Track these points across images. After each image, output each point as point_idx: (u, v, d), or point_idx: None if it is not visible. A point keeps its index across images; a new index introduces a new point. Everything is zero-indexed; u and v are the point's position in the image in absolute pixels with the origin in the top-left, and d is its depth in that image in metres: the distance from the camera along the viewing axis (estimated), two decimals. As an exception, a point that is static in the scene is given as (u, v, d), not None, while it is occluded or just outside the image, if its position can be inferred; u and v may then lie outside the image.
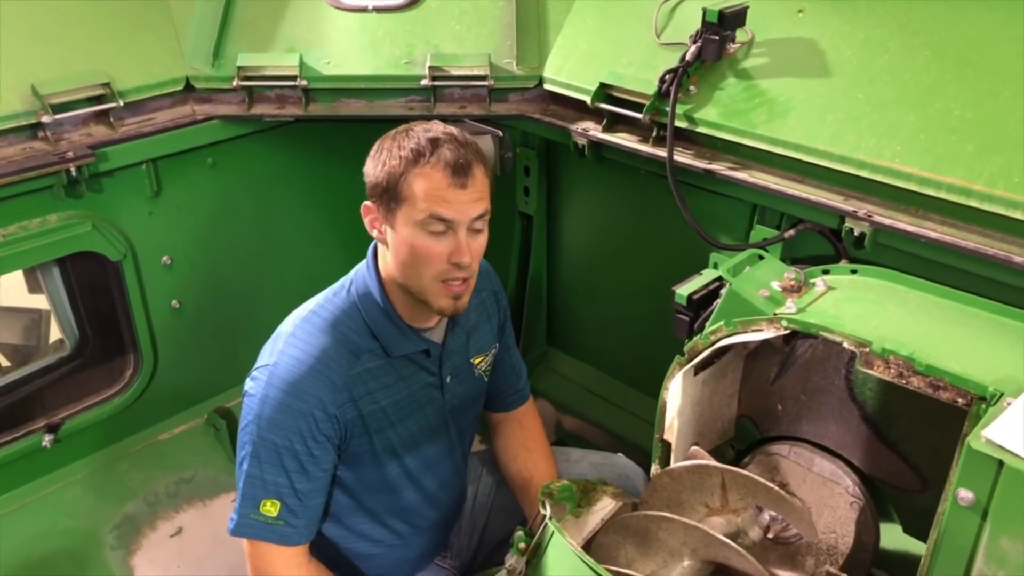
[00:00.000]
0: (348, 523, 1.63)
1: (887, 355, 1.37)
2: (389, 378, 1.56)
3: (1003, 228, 1.54)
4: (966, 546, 1.20)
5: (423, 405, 1.62)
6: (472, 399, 1.73)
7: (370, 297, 1.54)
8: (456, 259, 1.46)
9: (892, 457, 1.75)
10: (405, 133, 1.46)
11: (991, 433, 1.16)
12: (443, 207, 1.41)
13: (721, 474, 1.51)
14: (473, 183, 1.43)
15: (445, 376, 1.64)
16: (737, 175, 1.84)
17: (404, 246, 1.45)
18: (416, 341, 1.57)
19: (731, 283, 1.64)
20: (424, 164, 1.40)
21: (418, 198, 1.40)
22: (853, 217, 1.69)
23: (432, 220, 1.42)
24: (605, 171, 2.20)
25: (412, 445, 1.61)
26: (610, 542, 1.49)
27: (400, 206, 1.43)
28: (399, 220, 1.44)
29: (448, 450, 1.69)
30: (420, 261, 1.45)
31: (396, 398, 1.57)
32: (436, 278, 1.47)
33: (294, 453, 1.46)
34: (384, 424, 1.57)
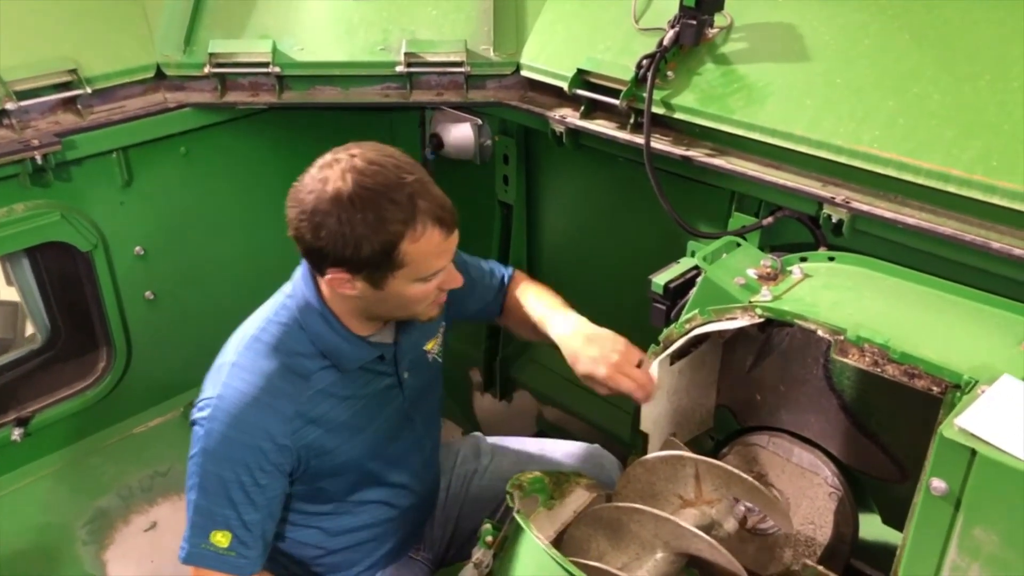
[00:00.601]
0: (319, 525, 1.60)
1: (862, 343, 1.34)
2: (346, 391, 1.51)
3: (981, 214, 1.51)
4: (939, 537, 1.18)
5: (384, 406, 1.58)
6: (430, 385, 1.70)
7: (313, 315, 1.46)
8: (448, 286, 1.48)
9: (871, 447, 1.73)
10: (363, 197, 1.29)
11: (964, 421, 1.14)
12: (442, 259, 1.41)
13: (695, 465, 1.49)
14: (455, 218, 1.41)
15: (403, 373, 1.60)
16: (714, 162, 1.81)
17: (395, 298, 1.42)
18: (369, 350, 1.52)
19: (706, 271, 1.61)
20: (414, 230, 1.33)
21: (419, 261, 1.36)
22: (831, 203, 1.66)
23: (435, 274, 1.42)
24: (584, 159, 2.16)
25: (377, 448, 1.58)
26: (582, 534, 1.47)
27: (395, 272, 1.37)
28: (391, 283, 1.38)
29: (415, 442, 1.65)
30: (413, 303, 1.44)
31: (355, 409, 1.53)
32: (427, 304, 1.47)
33: (241, 485, 1.41)
34: (346, 436, 1.52)
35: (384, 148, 1.37)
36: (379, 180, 1.30)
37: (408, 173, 1.33)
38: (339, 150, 1.36)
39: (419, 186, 1.33)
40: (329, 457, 1.50)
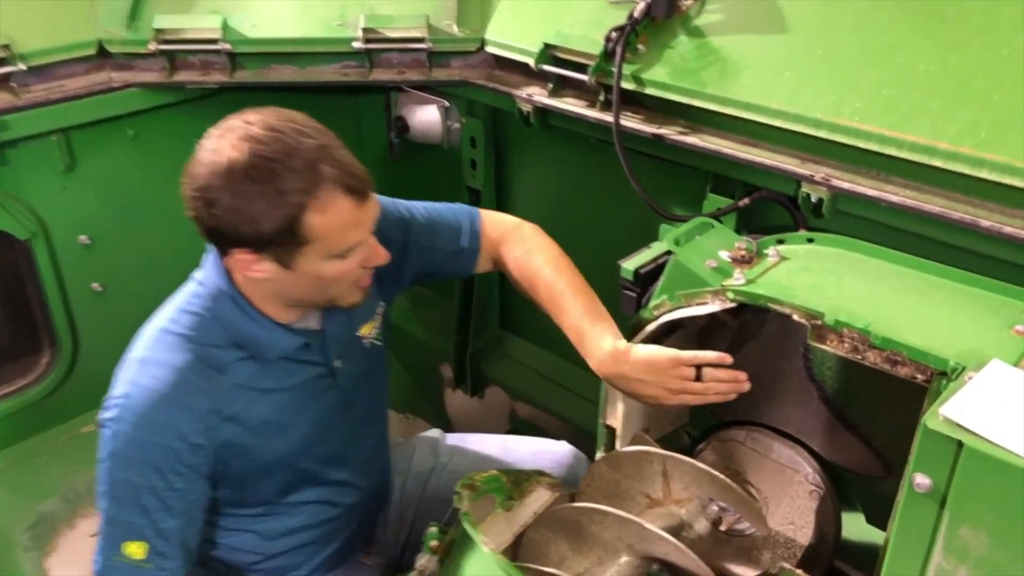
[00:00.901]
0: (252, 529, 1.48)
1: (841, 328, 1.24)
2: (268, 383, 1.38)
3: (969, 190, 1.41)
4: (924, 538, 1.07)
5: (315, 397, 1.44)
6: (369, 373, 1.54)
7: (226, 303, 1.33)
8: (371, 263, 1.33)
9: (854, 441, 1.63)
10: (258, 166, 1.16)
11: (949, 411, 1.03)
12: (357, 231, 1.26)
13: (662, 461, 1.38)
14: (369, 185, 1.26)
15: (334, 362, 1.45)
16: (688, 140, 1.71)
17: (308, 279, 1.28)
18: (290, 338, 1.38)
19: (676, 254, 1.50)
20: (316, 199, 1.18)
21: (329, 235, 1.22)
22: (810, 182, 1.55)
23: (351, 249, 1.27)
24: (554, 141, 2.06)
25: (309, 445, 1.45)
26: (540, 538, 1.36)
27: (302, 248, 1.23)
28: (301, 261, 1.25)
29: (355, 435, 1.53)
30: (331, 284, 1.30)
31: (280, 403, 1.39)
32: (348, 286, 1.33)
33: (153, 490, 1.29)
34: (270, 433, 1.39)
35: (286, 112, 1.24)
36: (277, 147, 1.17)
37: (309, 137, 1.19)
38: (234, 117, 1.23)
39: (321, 151, 1.19)
40: (251, 456, 1.38)
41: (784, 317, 1.62)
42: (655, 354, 1.37)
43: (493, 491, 1.43)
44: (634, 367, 1.37)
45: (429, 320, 2.65)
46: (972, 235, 1.41)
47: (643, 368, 1.37)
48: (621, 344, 1.39)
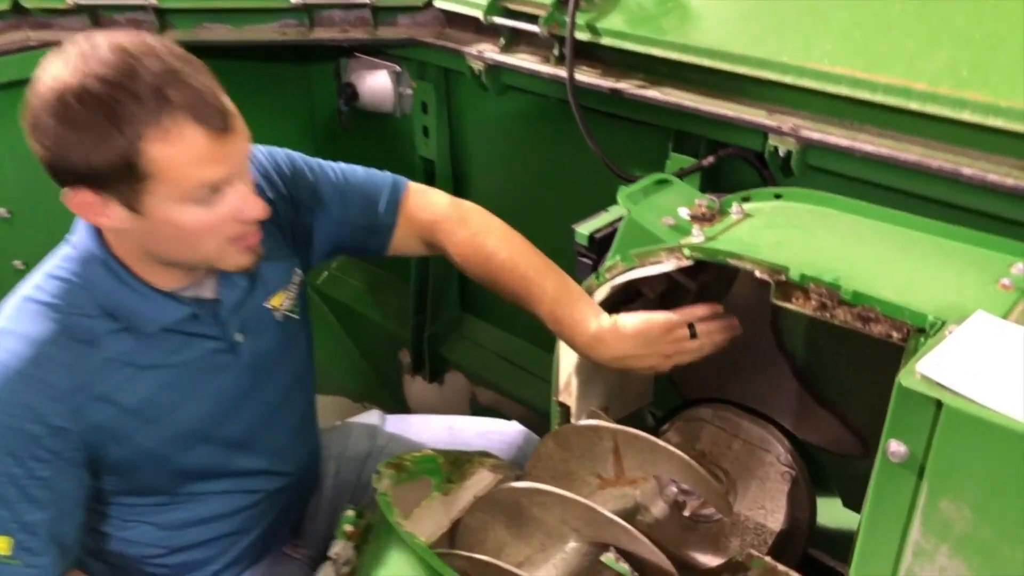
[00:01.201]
0: (152, 520, 1.32)
1: (807, 283, 1.11)
2: (148, 360, 1.20)
3: (949, 136, 1.29)
4: (900, 514, 0.94)
5: (210, 376, 1.26)
6: (284, 348, 1.36)
7: (96, 266, 1.16)
8: (244, 216, 1.13)
9: (828, 418, 1.50)
10: (93, 91, 1.00)
11: (927, 367, 0.90)
12: (210, 169, 1.06)
13: (613, 436, 1.24)
14: (232, 119, 1.07)
15: (233, 336, 1.28)
16: (647, 93, 1.58)
17: (166, 227, 1.10)
18: (174, 308, 1.20)
19: (630, 211, 1.37)
20: (158, 126, 1.01)
21: (175, 170, 1.04)
22: (777, 133, 1.43)
23: (201, 188, 1.07)
24: (510, 103, 1.93)
25: (206, 429, 1.28)
26: (478, 523, 1.22)
27: (145, 185, 1.05)
28: (147, 202, 1.07)
29: (267, 417, 1.35)
30: (196, 238, 1.12)
31: (165, 380, 1.22)
32: (224, 244, 1.15)
33: (12, 479, 1.12)
34: (153, 415, 1.22)
35: (140, 34, 1.07)
36: (119, 70, 1.01)
37: (160, 60, 1.03)
38: (81, 35, 1.07)
39: (171, 75, 1.02)
40: (133, 442, 1.21)
41: (749, 281, 1.50)
42: (646, 324, 1.25)
43: (427, 473, 1.29)
44: (625, 344, 1.24)
45: (386, 304, 2.51)
46: (953, 185, 1.29)
47: (635, 342, 1.25)
48: (606, 322, 1.26)
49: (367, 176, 1.40)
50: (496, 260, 1.35)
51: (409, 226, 1.40)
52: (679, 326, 1.24)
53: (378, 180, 1.41)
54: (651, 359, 1.25)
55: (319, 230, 1.37)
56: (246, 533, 1.38)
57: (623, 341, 1.23)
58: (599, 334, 1.23)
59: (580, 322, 1.25)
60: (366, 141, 2.29)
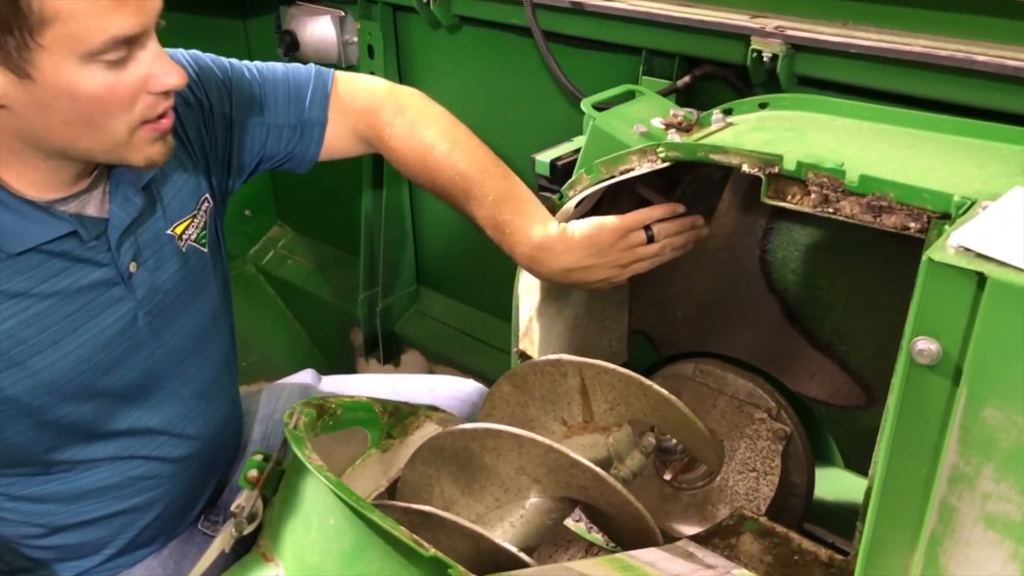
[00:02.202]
0: (24, 494, 1.09)
1: (804, 172, 0.93)
2: (11, 284, 0.98)
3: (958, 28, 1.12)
4: (930, 431, 0.76)
5: (96, 312, 1.04)
6: (189, 288, 1.14)
7: None
8: (162, 85, 0.92)
9: (826, 363, 1.33)
10: None
11: (964, 238, 0.72)
12: (123, 18, 0.86)
13: (579, 372, 1.05)
14: None
15: (125, 264, 1.05)
16: (612, 4, 1.40)
17: (62, 98, 0.89)
18: (48, 222, 0.98)
19: (595, 119, 1.19)
20: None
21: (75, 15, 0.84)
22: (761, 35, 1.25)
23: (111, 43, 0.87)
24: (463, 39, 1.75)
25: (89, 375, 1.05)
26: (418, 478, 1.02)
27: (37, 36, 0.84)
28: (40, 60, 0.86)
29: (169, 367, 1.13)
30: (103, 113, 0.91)
31: (35, 312, 1.00)
32: (135, 124, 0.94)
33: None
34: (23, 354, 1.00)
35: None
36: None
37: None
38: None
39: None
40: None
41: (734, 207, 1.33)
42: (596, 228, 1.08)
43: (363, 423, 1.10)
44: (574, 253, 1.08)
45: (335, 281, 2.31)
46: (966, 82, 1.12)
47: (585, 251, 1.08)
48: (553, 228, 1.09)
49: (288, 71, 1.21)
50: (433, 154, 1.17)
51: (342, 119, 1.22)
52: (633, 228, 1.08)
53: (302, 74, 1.22)
54: (604, 270, 1.09)
55: (238, 140, 1.17)
56: (148, 509, 1.14)
57: (571, 250, 1.07)
58: (544, 242, 1.07)
59: (522, 228, 1.08)
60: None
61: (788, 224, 1.28)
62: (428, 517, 0.86)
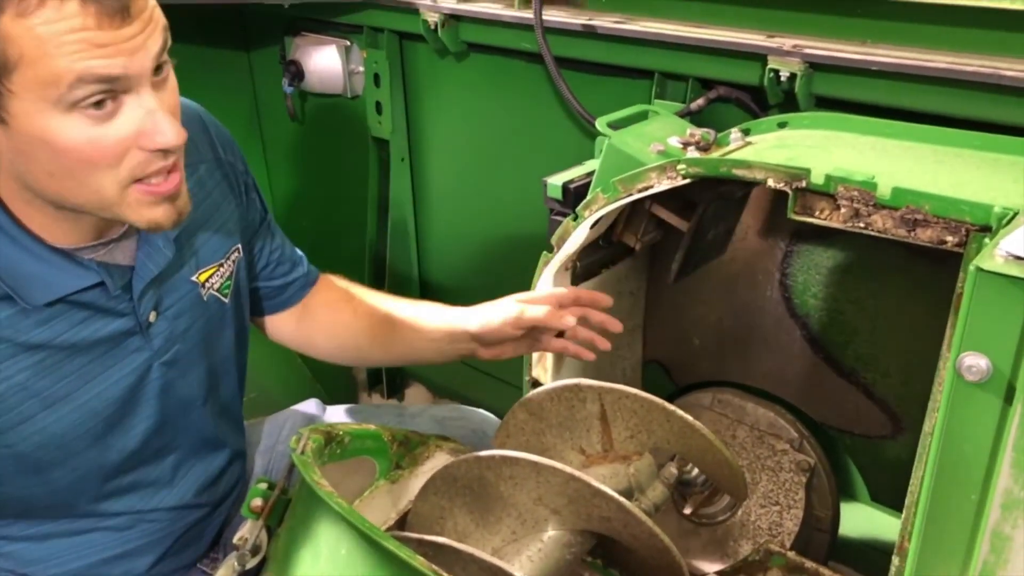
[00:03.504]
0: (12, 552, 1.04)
1: (834, 186, 0.89)
2: (32, 336, 0.92)
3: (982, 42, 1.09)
4: (980, 453, 0.71)
5: (110, 364, 0.99)
6: (206, 337, 1.09)
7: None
8: (152, 142, 0.84)
9: (850, 391, 1.28)
10: None
11: (1014, 244, 0.68)
12: (94, 59, 0.78)
13: (598, 397, 1.00)
14: (136, 4, 0.80)
15: (146, 313, 1.00)
16: (626, 27, 1.38)
17: (39, 145, 0.82)
18: (76, 273, 0.93)
19: (610, 138, 1.16)
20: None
21: (38, 55, 0.77)
22: (778, 54, 1.22)
23: (83, 86, 0.79)
24: (470, 66, 1.74)
25: (98, 428, 1.00)
26: (430, 509, 0.97)
27: (5, 81, 0.78)
28: (12, 104, 0.80)
29: (180, 417, 1.08)
30: (84, 167, 0.83)
31: (48, 364, 0.94)
32: (125, 183, 0.86)
33: None
34: (34, 409, 0.95)
35: None
36: None
37: None
38: None
39: None
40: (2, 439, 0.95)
41: (754, 227, 1.29)
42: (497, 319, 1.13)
43: (371, 453, 1.05)
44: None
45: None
46: (991, 99, 1.09)
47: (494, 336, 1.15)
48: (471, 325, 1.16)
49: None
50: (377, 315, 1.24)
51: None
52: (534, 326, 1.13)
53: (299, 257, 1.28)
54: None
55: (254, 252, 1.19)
56: (146, 551, 1.07)
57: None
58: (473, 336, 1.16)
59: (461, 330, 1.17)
60: (315, 127, 2.08)
61: (809, 246, 1.24)
62: (442, 549, 0.81)
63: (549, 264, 1.17)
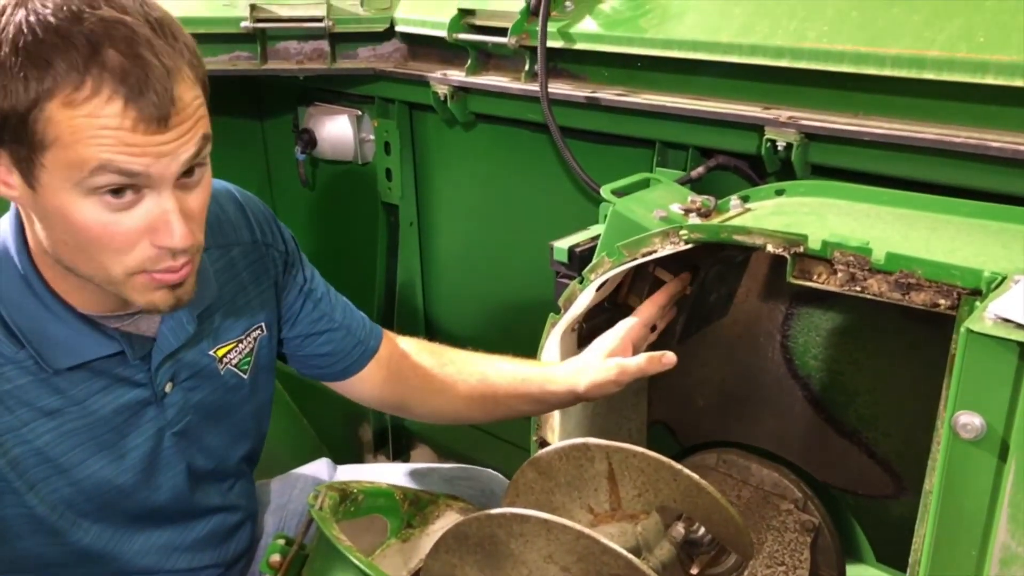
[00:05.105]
0: None
1: (830, 252, 0.93)
2: (51, 401, 0.95)
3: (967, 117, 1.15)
4: (978, 509, 0.74)
5: (125, 433, 1.01)
6: (222, 410, 1.11)
7: (11, 276, 0.93)
8: (160, 239, 0.87)
9: (852, 451, 1.31)
10: (30, 38, 0.80)
11: (1003, 308, 0.72)
12: (122, 156, 0.82)
13: (606, 456, 1.03)
14: (177, 116, 0.83)
15: (162, 384, 1.02)
16: (628, 99, 1.44)
17: (59, 218, 0.86)
18: (98, 340, 0.96)
19: (615, 204, 1.20)
20: (74, 84, 0.80)
21: (70, 138, 0.81)
22: (774, 126, 1.28)
23: (104, 174, 0.82)
24: (478, 136, 1.80)
25: (110, 496, 1.02)
26: (442, 567, 0.98)
27: (38, 152, 0.82)
28: (42, 176, 0.84)
29: (193, 487, 1.10)
30: (96, 247, 0.87)
31: (64, 431, 0.97)
32: (132, 271, 0.89)
33: None
34: (47, 472, 0.97)
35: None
36: (63, 14, 0.80)
37: (118, 13, 0.81)
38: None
39: (125, 38, 0.80)
40: (18, 500, 0.96)
41: (755, 291, 1.33)
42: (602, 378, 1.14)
43: (383, 511, 1.07)
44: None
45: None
46: (979, 168, 1.14)
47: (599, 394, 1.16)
48: (580, 386, 1.15)
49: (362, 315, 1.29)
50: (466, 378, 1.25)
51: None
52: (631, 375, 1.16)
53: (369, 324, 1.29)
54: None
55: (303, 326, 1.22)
56: None
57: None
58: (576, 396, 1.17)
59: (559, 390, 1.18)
60: (326, 193, 2.14)
61: (809, 309, 1.28)
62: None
63: (556, 325, 1.20)
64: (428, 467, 1.37)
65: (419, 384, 1.25)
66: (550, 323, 1.21)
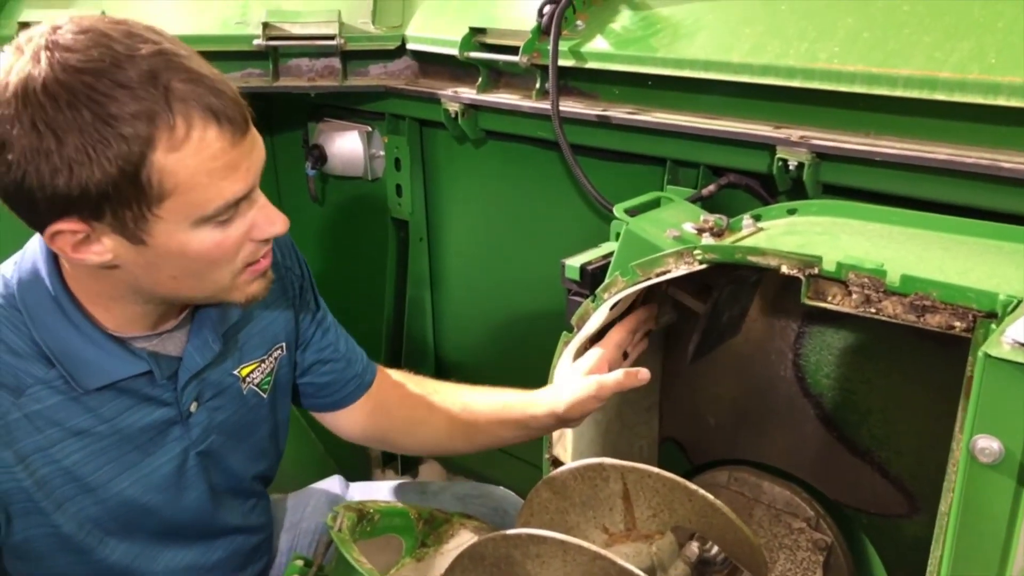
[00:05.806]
0: None
1: (845, 273, 0.93)
2: (82, 421, 0.96)
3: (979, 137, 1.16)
4: (996, 533, 0.74)
5: (150, 452, 1.02)
6: (243, 430, 1.12)
7: (40, 297, 0.93)
8: (265, 233, 0.93)
9: (865, 470, 1.30)
10: (72, 88, 0.77)
11: (1019, 333, 0.72)
12: (236, 179, 0.85)
13: (621, 476, 1.03)
14: (245, 114, 0.86)
15: (187, 404, 1.03)
16: (639, 117, 1.45)
17: (173, 261, 0.89)
18: (127, 360, 0.97)
19: (628, 224, 1.21)
20: (169, 128, 0.79)
21: (192, 183, 0.82)
22: (786, 145, 1.28)
23: (227, 209, 0.87)
24: (488, 153, 1.80)
25: (137, 515, 1.03)
26: (458, 587, 0.98)
27: (155, 207, 0.83)
28: (158, 230, 0.85)
29: (214, 505, 1.10)
30: (210, 267, 0.91)
31: (92, 450, 0.97)
32: (239, 271, 0.94)
33: None
34: (75, 491, 0.98)
35: (113, 18, 0.85)
36: (96, 54, 0.78)
37: (146, 42, 0.80)
38: (36, 27, 0.83)
39: (166, 59, 0.79)
40: (44, 520, 0.97)
41: (766, 311, 1.33)
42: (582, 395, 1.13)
43: (397, 531, 1.07)
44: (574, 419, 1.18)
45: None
46: (990, 188, 1.14)
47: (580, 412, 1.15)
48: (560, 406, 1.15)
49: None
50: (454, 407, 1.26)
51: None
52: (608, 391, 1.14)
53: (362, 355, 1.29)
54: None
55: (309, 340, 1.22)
56: None
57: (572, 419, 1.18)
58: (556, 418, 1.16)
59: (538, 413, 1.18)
60: (336, 209, 2.15)
61: (821, 327, 1.28)
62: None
63: (569, 344, 1.21)
64: (440, 484, 1.37)
65: (403, 415, 1.26)
66: (563, 341, 1.22)
